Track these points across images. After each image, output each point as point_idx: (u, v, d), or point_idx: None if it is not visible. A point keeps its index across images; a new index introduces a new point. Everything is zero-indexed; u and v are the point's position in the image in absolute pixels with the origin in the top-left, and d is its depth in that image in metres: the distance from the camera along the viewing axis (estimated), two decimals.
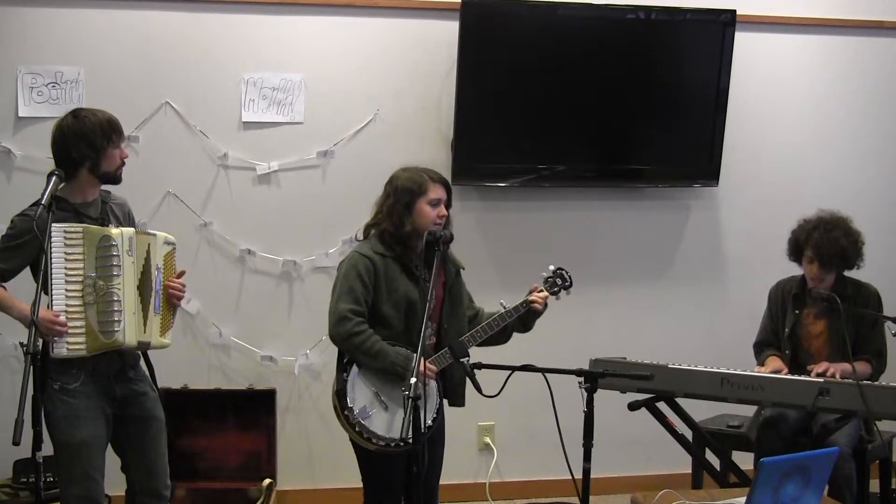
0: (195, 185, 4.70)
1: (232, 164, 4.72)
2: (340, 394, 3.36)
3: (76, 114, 3.22)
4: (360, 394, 3.36)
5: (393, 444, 3.32)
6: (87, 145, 3.17)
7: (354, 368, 3.38)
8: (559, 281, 3.64)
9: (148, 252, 3.26)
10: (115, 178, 3.28)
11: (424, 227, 3.41)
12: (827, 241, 4.00)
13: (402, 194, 3.43)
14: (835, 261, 4.01)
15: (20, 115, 4.54)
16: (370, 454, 3.38)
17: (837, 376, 3.85)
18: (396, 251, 3.44)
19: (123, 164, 3.29)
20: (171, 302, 3.37)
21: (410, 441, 3.12)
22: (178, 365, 4.37)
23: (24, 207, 3.22)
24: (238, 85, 4.69)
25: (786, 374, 3.94)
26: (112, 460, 3.33)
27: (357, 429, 3.33)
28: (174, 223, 4.50)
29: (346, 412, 3.34)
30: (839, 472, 3.69)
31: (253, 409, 4.55)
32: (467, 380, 3.47)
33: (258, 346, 4.78)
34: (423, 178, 3.46)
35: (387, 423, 3.35)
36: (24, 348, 2.79)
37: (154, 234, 3.33)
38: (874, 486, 4.21)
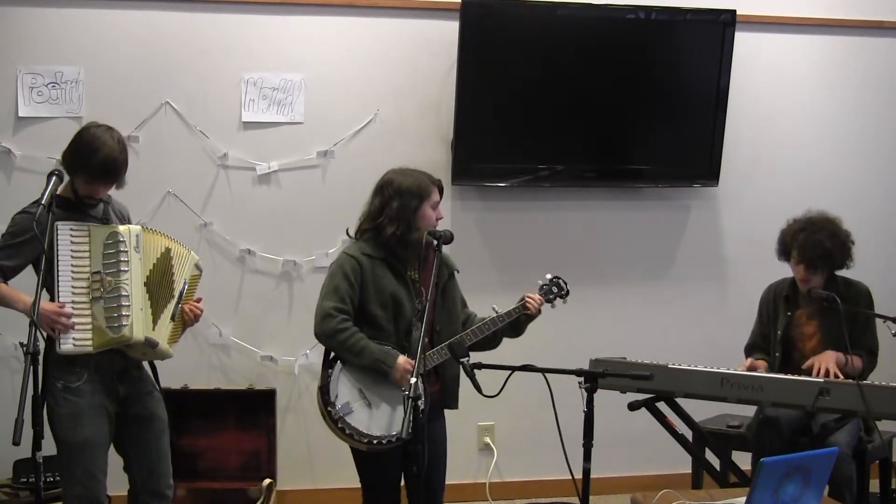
0: (195, 185, 4.71)
1: (232, 164, 4.73)
2: (324, 389, 3.37)
3: (92, 137, 3.16)
4: (344, 390, 3.36)
5: (376, 442, 3.32)
6: (79, 167, 3.17)
7: (339, 365, 3.39)
8: (555, 289, 3.65)
9: (167, 257, 3.30)
10: (81, 203, 3.24)
11: (425, 230, 3.43)
12: (811, 244, 4.00)
13: (409, 198, 3.42)
14: (819, 262, 4.01)
15: (20, 115, 4.54)
16: (363, 453, 3.38)
17: (831, 369, 3.85)
18: (396, 254, 3.44)
19: (97, 200, 3.26)
20: (186, 319, 3.39)
21: (394, 440, 3.15)
22: (178, 365, 4.33)
23: (23, 207, 3.23)
24: (238, 85, 4.69)
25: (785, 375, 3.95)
26: (114, 460, 3.33)
27: (340, 425, 3.32)
28: (174, 223, 4.50)
29: (328, 408, 3.34)
30: (839, 473, 3.69)
31: (253, 409, 4.55)
32: (461, 383, 3.48)
33: (258, 346, 4.78)
34: (425, 182, 3.48)
35: (369, 419, 3.35)
36: (25, 348, 2.80)
37: (189, 252, 3.41)
38: (874, 486, 4.21)
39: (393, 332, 3.41)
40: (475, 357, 3.48)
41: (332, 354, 3.43)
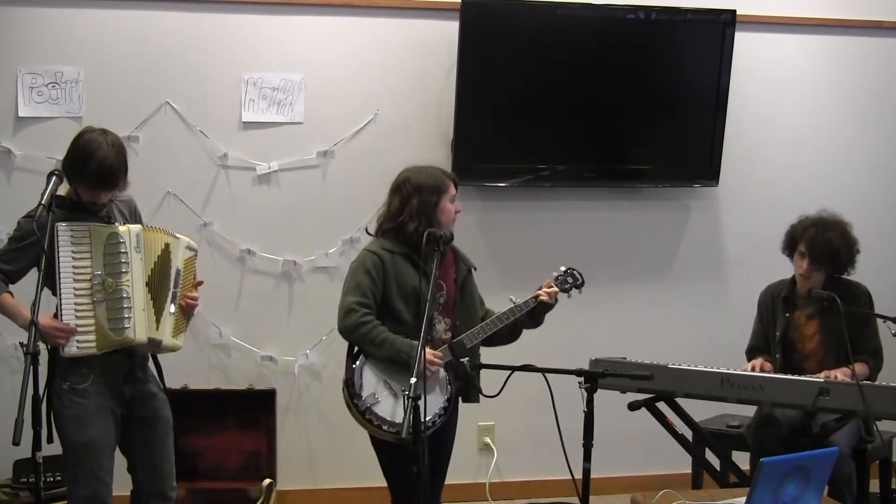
0: (195, 185, 4.71)
1: (232, 164, 4.73)
2: (349, 382, 3.38)
3: (86, 143, 3.12)
4: (368, 381, 3.38)
5: (404, 434, 3.31)
6: (76, 175, 3.15)
7: (362, 358, 3.41)
8: (570, 280, 3.66)
9: (166, 252, 3.29)
10: (87, 208, 3.22)
11: (447, 224, 3.48)
12: (821, 240, 4.00)
13: (428, 194, 3.47)
14: (825, 260, 4.01)
15: (20, 115, 4.54)
16: (390, 450, 3.37)
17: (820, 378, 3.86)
18: (418, 249, 3.42)
19: (101, 205, 3.23)
20: (185, 308, 3.37)
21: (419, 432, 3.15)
22: (178, 365, 4.36)
23: (23, 207, 3.23)
24: (238, 85, 4.69)
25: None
26: (117, 460, 3.32)
27: (367, 416, 3.33)
28: (174, 223, 4.46)
29: (355, 400, 3.35)
30: (839, 473, 3.69)
31: (253, 409, 4.55)
32: (479, 376, 3.50)
33: (258, 346, 4.78)
34: (441, 177, 3.53)
35: (395, 409, 3.35)
36: (25, 348, 2.80)
37: (178, 238, 3.36)
38: (874, 486, 4.21)
39: (415, 325, 3.41)
40: (484, 352, 3.50)
41: (356, 349, 3.44)
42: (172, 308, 3.30)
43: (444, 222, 3.47)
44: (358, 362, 3.40)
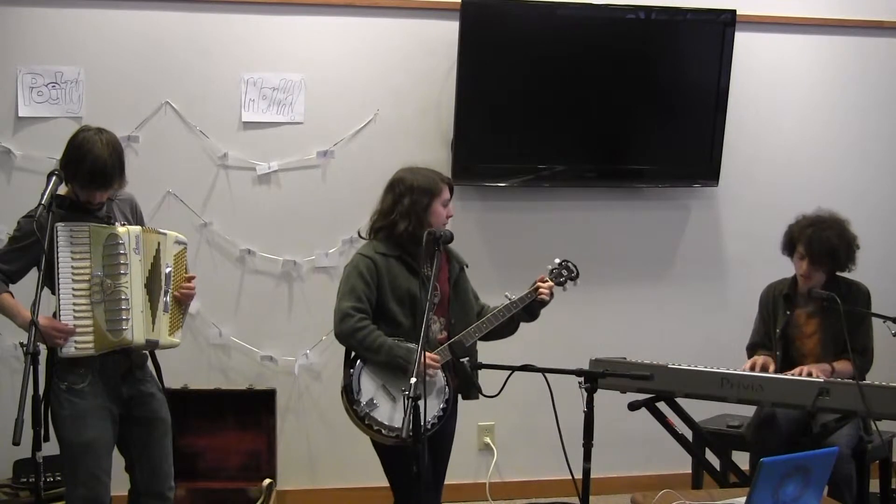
0: (195, 185, 4.71)
1: (232, 164, 4.73)
2: (347, 389, 3.39)
3: (80, 143, 3.11)
4: (367, 387, 3.39)
5: (405, 435, 3.32)
6: (71, 175, 3.14)
7: (359, 363, 3.41)
8: (565, 272, 3.70)
9: (157, 250, 3.27)
10: (87, 208, 3.21)
11: (437, 226, 3.47)
12: (818, 239, 4.01)
13: (419, 195, 3.48)
14: (824, 259, 4.02)
15: (20, 115, 4.54)
16: (391, 451, 3.38)
17: (813, 372, 3.86)
18: (409, 250, 3.46)
19: (100, 204, 3.22)
20: (181, 302, 3.36)
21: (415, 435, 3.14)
22: (178, 365, 4.37)
23: (23, 207, 3.23)
24: (238, 85, 4.69)
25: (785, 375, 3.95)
26: (115, 460, 3.32)
27: (366, 421, 3.34)
28: (174, 223, 4.48)
29: (354, 406, 3.36)
30: (839, 473, 3.69)
31: (253, 409, 4.56)
32: (478, 373, 3.51)
33: (258, 346, 4.78)
34: (435, 180, 3.54)
35: (393, 413, 3.36)
36: (25, 348, 2.79)
37: (164, 234, 3.33)
38: (874, 486, 4.21)
39: (411, 327, 3.43)
40: (484, 353, 3.51)
41: (353, 354, 3.45)
42: (166, 305, 3.29)
43: (434, 225, 3.47)
44: (355, 369, 3.40)
